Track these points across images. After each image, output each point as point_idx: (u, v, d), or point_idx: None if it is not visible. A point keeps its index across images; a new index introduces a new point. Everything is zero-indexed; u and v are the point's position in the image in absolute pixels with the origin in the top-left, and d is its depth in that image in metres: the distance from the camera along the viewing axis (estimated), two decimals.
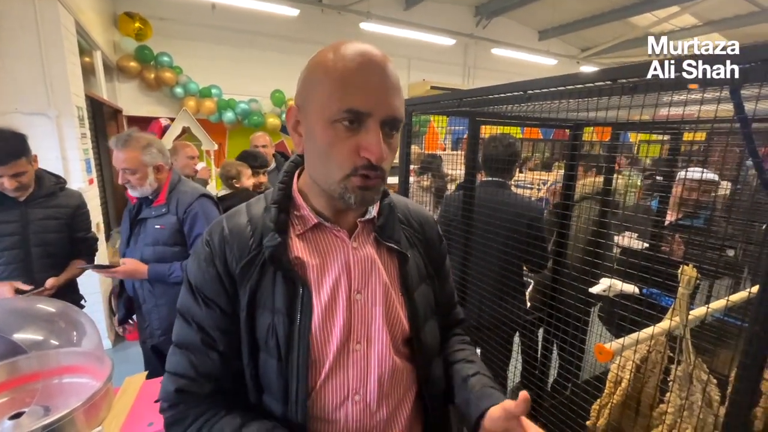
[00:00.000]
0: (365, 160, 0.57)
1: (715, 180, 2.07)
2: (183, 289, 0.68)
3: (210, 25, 5.59)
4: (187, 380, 0.64)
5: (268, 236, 0.63)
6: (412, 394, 0.71)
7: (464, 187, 1.76)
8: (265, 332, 0.62)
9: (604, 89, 0.85)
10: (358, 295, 0.65)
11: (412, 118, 1.65)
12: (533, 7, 7.32)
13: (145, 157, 1.61)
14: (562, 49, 9.03)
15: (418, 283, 0.72)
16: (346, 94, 0.55)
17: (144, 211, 1.72)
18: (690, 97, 0.90)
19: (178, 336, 0.67)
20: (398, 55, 7.23)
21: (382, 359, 0.65)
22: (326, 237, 0.67)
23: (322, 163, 0.60)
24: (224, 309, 0.64)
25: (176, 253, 1.69)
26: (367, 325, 0.65)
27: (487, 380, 0.70)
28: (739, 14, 6.60)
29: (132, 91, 5.17)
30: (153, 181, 1.66)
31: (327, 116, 0.56)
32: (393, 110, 0.57)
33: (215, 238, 0.66)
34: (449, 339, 0.83)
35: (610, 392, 1.15)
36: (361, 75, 0.55)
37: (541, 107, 1.31)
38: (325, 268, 0.65)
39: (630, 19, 7.48)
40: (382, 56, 0.58)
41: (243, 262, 0.63)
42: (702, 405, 0.98)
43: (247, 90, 5.71)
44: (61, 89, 2.67)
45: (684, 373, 1.02)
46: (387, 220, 0.70)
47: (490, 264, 1.75)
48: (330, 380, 0.63)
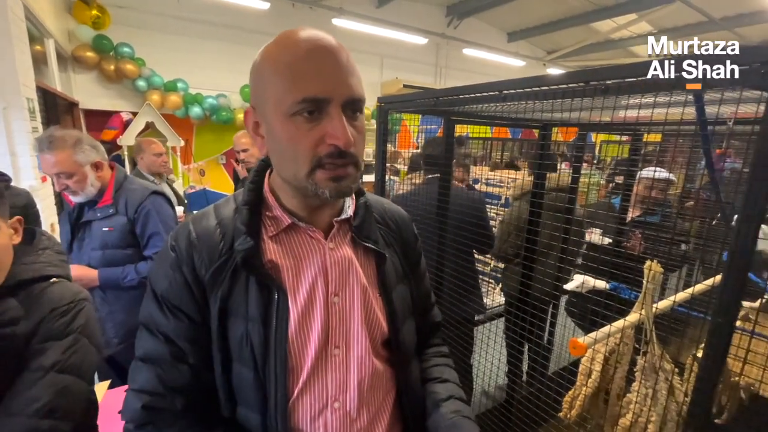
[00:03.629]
0: (331, 148, 0.54)
1: (671, 179, 2.20)
2: (146, 299, 0.64)
3: (175, 16, 5.34)
4: (155, 396, 0.59)
5: (239, 239, 0.60)
6: (391, 399, 0.69)
7: (440, 185, 1.78)
8: (238, 342, 0.59)
9: (576, 90, 0.87)
10: (335, 298, 0.63)
11: (387, 116, 1.64)
12: (502, 10, 7.49)
13: (78, 157, 1.46)
14: (529, 51, 9.30)
15: (396, 283, 0.70)
16: (299, 84, 0.52)
17: (87, 213, 1.59)
18: (659, 99, 0.94)
19: (143, 349, 0.62)
20: (371, 53, 7.20)
21: (362, 363, 0.64)
22: (301, 238, 0.64)
23: (288, 162, 0.57)
24: (193, 318, 0.60)
25: (128, 256, 1.59)
26: (345, 329, 0.63)
27: (459, 405, 0.69)
28: (689, 23, 7.04)
29: (89, 83, 4.86)
30: (95, 181, 1.52)
31: (284, 111, 0.54)
32: (352, 91, 0.55)
33: (182, 242, 0.62)
34: (426, 350, 0.81)
35: (581, 384, 1.19)
36: (311, 61, 0.53)
37: (513, 107, 1.34)
38: (301, 271, 0.62)
39: (592, 24, 7.81)
40: (330, 39, 0.55)
41: (213, 268, 0.60)
42: (666, 393, 1.03)
43: (215, 84, 5.49)
44: (9, 79, 2.47)
45: (649, 364, 1.07)
46: (364, 219, 0.68)
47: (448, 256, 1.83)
48: (308, 388, 0.61)
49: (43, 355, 0.74)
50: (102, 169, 1.55)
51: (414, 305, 0.75)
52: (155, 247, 1.60)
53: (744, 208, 0.63)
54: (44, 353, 0.74)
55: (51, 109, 3.82)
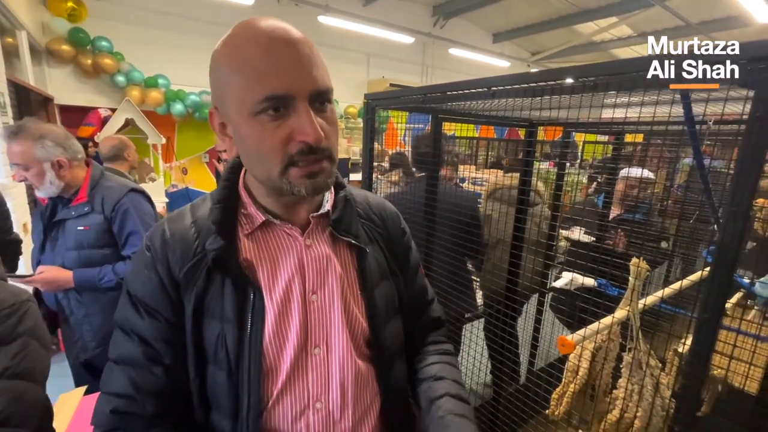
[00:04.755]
0: (301, 145, 0.52)
1: (651, 178, 2.25)
2: (121, 299, 0.62)
3: (155, 10, 5.21)
4: (126, 400, 0.57)
5: (210, 239, 0.58)
6: (377, 400, 0.67)
7: (428, 183, 1.77)
8: (213, 343, 0.58)
9: (565, 88, 0.87)
10: (313, 296, 0.62)
11: (375, 113, 1.62)
12: (487, 11, 7.57)
13: (37, 152, 1.40)
14: (514, 51, 9.42)
15: (379, 280, 0.68)
16: (260, 82, 0.50)
17: (61, 211, 1.52)
18: (646, 99, 0.95)
19: (117, 351, 0.60)
20: (358, 52, 7.17)
21: (344, 363, 0.62)
22: (277, 235, 0.63)
23: (258, 162, 0.55)
24: (168, 318, 0.59)
25: (105, 256, 1.53)
26: (325, 328, 0.62)
27: (454, 404, 0.65)
28: (667, 27, 7.24)
29: (65, 77, 4.69)
30: (54, 179, 1.45)
31: (247, 110, 0.51)
32: (317, 83, 0.52)
33: (156, 241, 0.61)
34: (422, 349, 0.78)
35: (568, 381, 1.20)
36: (269, 56, 0.50)
37: (500, 105, 1.34)
38: (277, 269, 0.61)
39: (575, 26, 7.96)
40: (289, 29, 0.52)
41: (186, 267, 0.58)
42: (651, 389, 1.05)
43: (197, 81, 5.37)
44: None
45: (635, 360, 1.08)
46: (343, 213, 0.66)
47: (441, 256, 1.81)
48: (288, 389, 0.59)
49: None
50: (66, 168, 1.47)
51: (402, 303, 0.72)
52: (134, 246, 1.54)
53: (730, 205, 0.64)
54: None
55: (24, 104, 3.67)
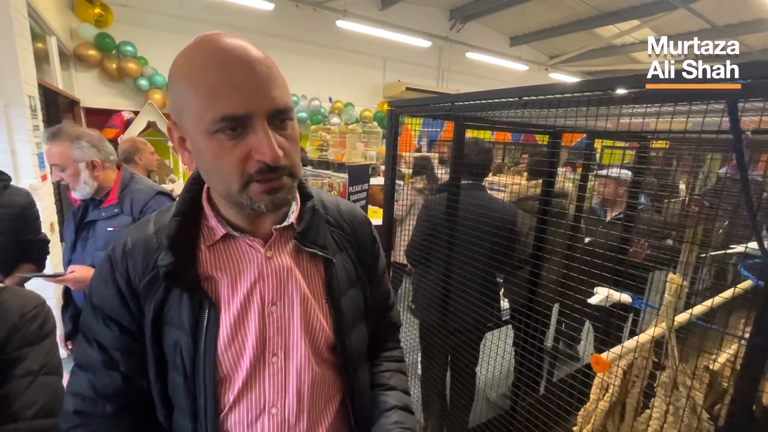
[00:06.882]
0: (260, 164, 0.52)
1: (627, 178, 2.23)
2: (84, 306, 0.65)
3: (178, 15, 5.33)
4: (86, 401, 0.61)
5: (161, 254, 0.58)
6: (335, 404, 0.69)
7: (449, 190, 1.75)
8: (172, 350, 0.60)
9: (603, 99, 0.85)
10: (273, 307, 0.62)
11: (398, 120, 1.61)
12: (504, 14, 7.51)
13: (73, 152, 1.46)
14: (531, 55, 9.32)
15: (347, 288, 0.69)
16: (216, 101, 0.49)
17: (92, 212, 1.56)
18: (678, 108, 0.92)
19: (79, 356, 0.64)
20: (374, 55, 7.20)
21: (301, 369, 0.63)
22: (238, 247, 0.63)
23: (218, 179, 0.55)
24: (126, 327, 0.61)
25: None
26: (284, 337, 0.63)
27: (402, 416, 0.69)
28: (691, 30, 7.05)
29: (91, 81, 4.83)
30: (89, 179, 1.50)
31: (204, 129, 0.50)
32: (274, 102, 0.51)
33: (117, 252, 0.62)
34: (380, 354, 0.80)
35: (596, 398, 1.17)
36: (224, 75, 0.49)
37: (526, 113, 1.32)
38: (237, 281, 0.61)
39: (595, 30, 7.83)
40: (246, 47, 0.51)
41: (147, 279, 0.59)
42: (686, 410, 1.01)
43: None
44: (11, 76, 2.43)
45: (669, 379, 1.04)
46: (310, 224, 0.65)
47: (472, 266, 1.75)
48: (244, 395, 0.61)
49: (26, 361, 0.76)
50: (99, 168, 1.52)
51: (368, 309, 0.73)
52: None
53: None
54: (26, 359, 0.77)
55: (52, 107, 3.79)
